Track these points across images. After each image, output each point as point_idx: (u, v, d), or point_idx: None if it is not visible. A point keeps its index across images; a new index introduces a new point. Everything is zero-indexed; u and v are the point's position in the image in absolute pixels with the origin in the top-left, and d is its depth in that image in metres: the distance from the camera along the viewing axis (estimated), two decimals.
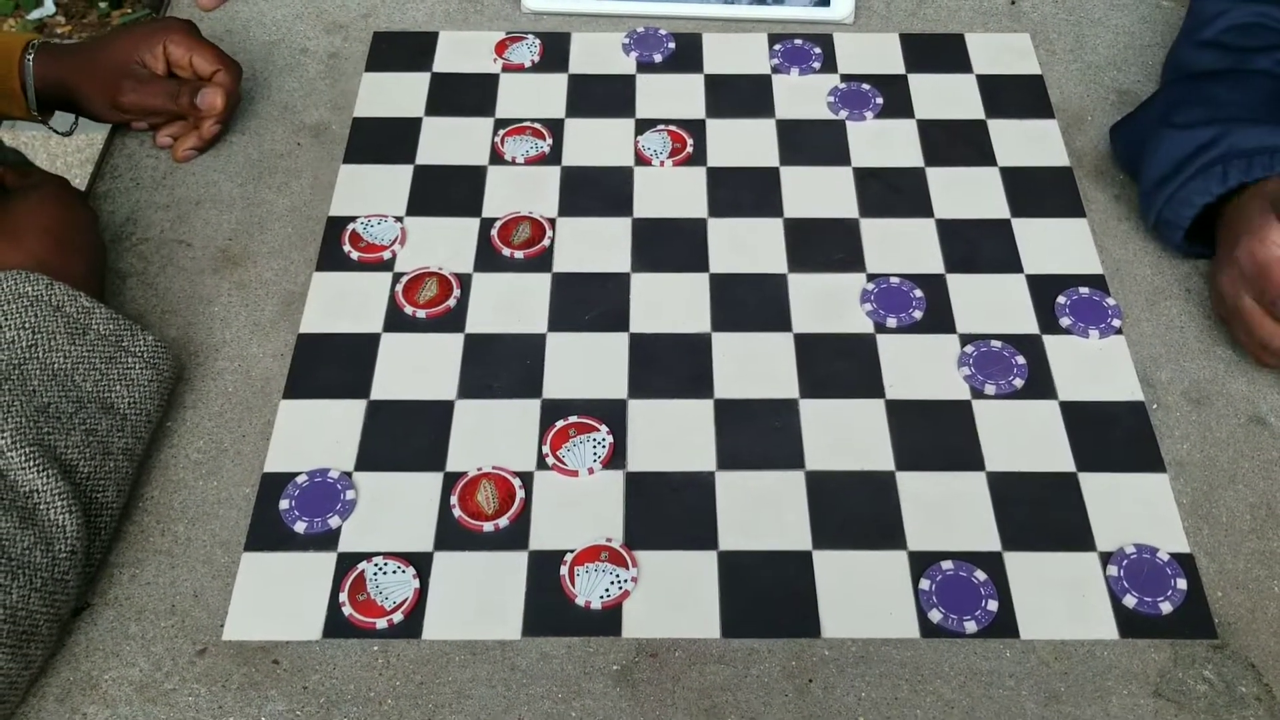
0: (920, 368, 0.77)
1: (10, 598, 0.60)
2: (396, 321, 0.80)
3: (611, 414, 0.74)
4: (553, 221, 0.86)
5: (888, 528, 0.69)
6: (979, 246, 0.84)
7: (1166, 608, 0.66)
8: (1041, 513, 0.70)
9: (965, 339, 0.79)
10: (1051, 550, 0.68)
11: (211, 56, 0.89)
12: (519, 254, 0.84)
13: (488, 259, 0.84)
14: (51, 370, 0.67)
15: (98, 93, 0.87)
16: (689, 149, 0.91)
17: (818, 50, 0.99)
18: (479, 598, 0.67)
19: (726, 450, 0.73)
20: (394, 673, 0.64)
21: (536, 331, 0.79)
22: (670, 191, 0.88)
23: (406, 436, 0.74)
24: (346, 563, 0.68)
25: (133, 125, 0.92)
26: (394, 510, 0.70)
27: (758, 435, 0.74)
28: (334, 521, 0.69)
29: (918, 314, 0.80)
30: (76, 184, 0.83)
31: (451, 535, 0.69)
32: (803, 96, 0.96)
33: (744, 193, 0.88)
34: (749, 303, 0.81)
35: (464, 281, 0.82)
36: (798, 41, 1.00)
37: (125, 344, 0.71)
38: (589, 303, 0.81)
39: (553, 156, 0.91)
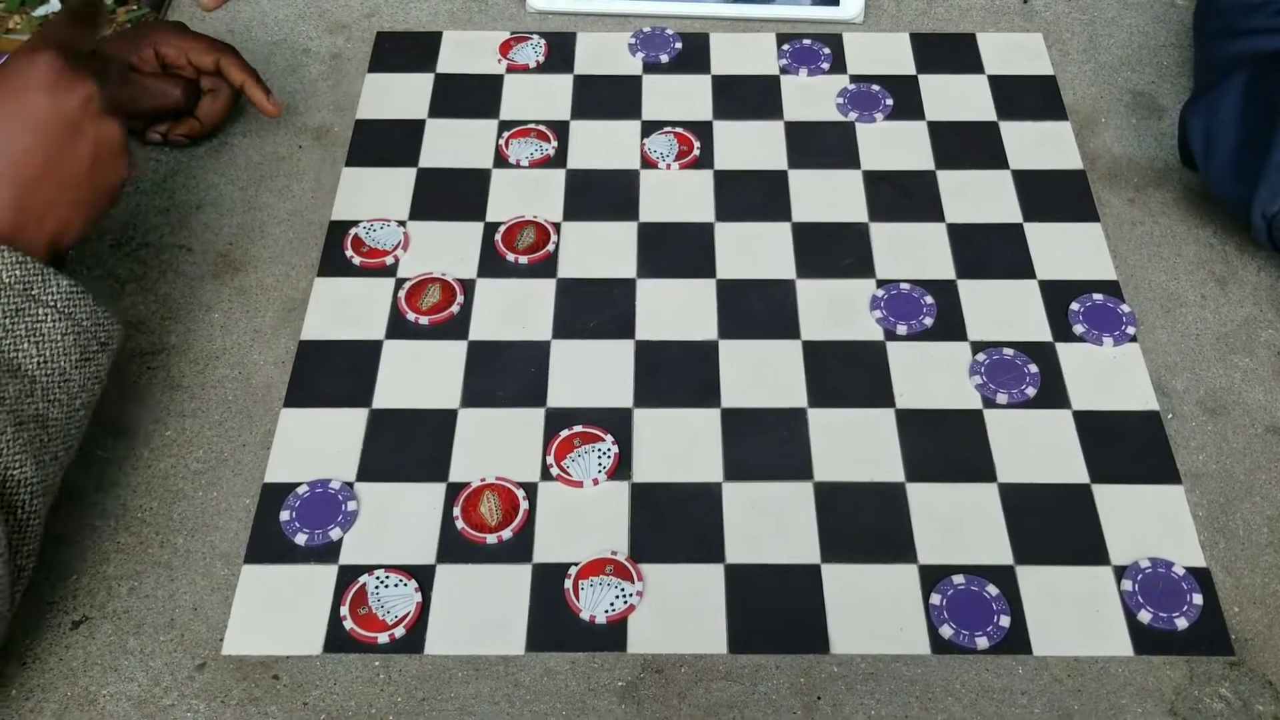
0: (931, 376, 0.76)
1: None
2: (399, 328, 0.79)
3: (617, 423, 0.73)
4: (557, 226, 0.85)
5: (898, 541, 0.68)
6: (991, 252, 0.83)
7: (1182, 624, 0.65)
8: (1054, 525, 0.69)
9: (977, 347, 0.77)
10: (1065, 564, 0.67)
11: (206, 46, 0.87)
12: (523, 259, 0.83)
13: (492, 264, 0.83)
14: None
15: None
16: (696, 151, 0.90)
17: (827, 50, 0.98)
18: (482, 612, 0.66)
19: (734, 461, 0.72)
20: (395, 688, 0.63)
21: (541, 338, 0.78)
22: (677, 195, 0.87)
23: (409, 446, 0.73)
24: (348, 576, 0.67)
25: (148, 137, 0.90)
26: (396, 522, 0.69)
27: (765, 445, 0.72)
28: (335, 533, 0.68)
29: (928, 321, 0.79)
30: None
31: (454, 548, 0.68)
32: (811, 98, 0.94)
33: (751, 196, 0.87)
34: (756, 309, 0.80)
35: (467, 287, 0.81)
36: (806, 42, 0.98)
37: (34, 293, 0.60)
38: (594, 309, 0.80)
39: (557, 159, 0.90)
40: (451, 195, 0.87)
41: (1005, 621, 0.65)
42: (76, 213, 0.65)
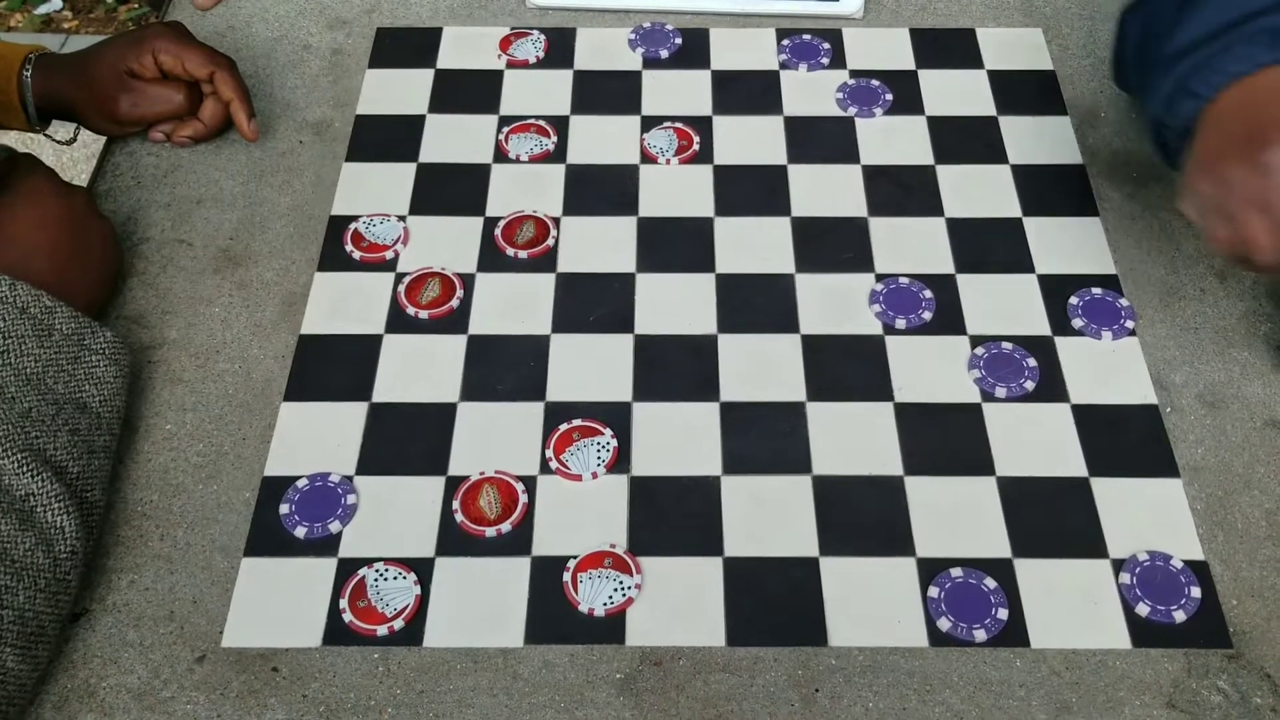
0: (930, 370, 0.76)
1: (17, 599, 0.59)
2: (399, 323, 0.79)
3: (616, 417, 0.73)
4: (557, 221, 0.85)
5: (896, 534, 0.68)
6: (990, 246, 0.83)
7: (1180, 616, 0.65)
8: (1053, 519, 0.69)
9: (975, 341, 0.78)
10: (1063, 557, 0.67)
11: (203, 58, 0.87)
12: (523, 254, 0.83)
13: (491, 259, 0.83)
14: (25, 375, 0.67)
15: (94, 111, 0.86)
16: (695, 146, 0.90)
17: (826, 45, 0.98)
18: (481, 605, 0.66)
19: (732, 454, 0.72)
20: (395, 681, 0.63)
21: (540, 333, 0.78)
22: (676, 190, 0.87)
23: (408, 440, 0.73)
24: (347, 569, 0.67)
25: (151, 136, 0.90)
26: (395, 515, 0.69)
27: (764, 439, 0.72)
28: (335, 526, 0.69)
29: (927, 315, 0.79)
30: (80, 182, 0.82)
31: (453, 541, 0.68)
32: (811, 93, 0.94)
33: (751, 191, 0.87)
34: (756, 303, 0.80)
35: (467, 282, 0.81)
36: (806, 37, 0.99)
37: (87, 342, 0.70)
38: (593, 303, 0.80)
39: (557, 154, 0.90)
40: (451, 190, 0.87)
41: (1003, 614, 0.65)
42: (96, 290, 0.77)
